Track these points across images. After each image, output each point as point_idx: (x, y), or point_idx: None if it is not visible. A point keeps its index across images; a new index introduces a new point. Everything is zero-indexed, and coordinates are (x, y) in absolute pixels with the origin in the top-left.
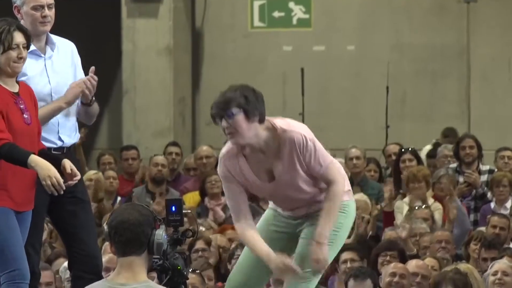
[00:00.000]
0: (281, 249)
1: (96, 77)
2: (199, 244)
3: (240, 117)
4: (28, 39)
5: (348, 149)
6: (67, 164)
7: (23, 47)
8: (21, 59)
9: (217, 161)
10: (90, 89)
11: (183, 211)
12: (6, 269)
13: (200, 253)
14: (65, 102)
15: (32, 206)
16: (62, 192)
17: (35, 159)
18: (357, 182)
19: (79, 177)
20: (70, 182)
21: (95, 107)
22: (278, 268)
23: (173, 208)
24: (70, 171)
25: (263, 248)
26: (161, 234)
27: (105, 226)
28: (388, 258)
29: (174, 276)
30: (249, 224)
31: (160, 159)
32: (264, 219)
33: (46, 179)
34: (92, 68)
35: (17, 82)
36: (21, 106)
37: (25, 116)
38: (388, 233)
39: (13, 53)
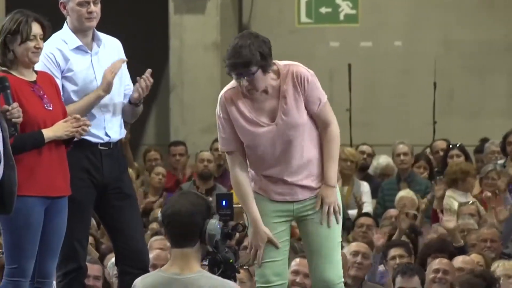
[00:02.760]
0: (287, 237)
1: (151, 79)
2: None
3: (258, 74)
4: (45, 30)
5: (395, 145)
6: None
7: (40, 38)
8: (38, 49)
9: None
10: (144, 89)
11: (233, 206)
12: (9, 264)
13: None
14: (102, 89)
15: (68, 191)
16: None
17: (47, 132)
18: (404, 178)
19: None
20: None
21: (141, 107)
22: (261, 239)
23: (224, 203)
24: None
25: (253, 211)
26: (214, 224)
27: (159, 215)
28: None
29: (226, 270)
30: (245, 176)
31: (206, 155)
32: (262, 214)
33: (68, 133)
34: (149, 70)
35: (36, 71)
36: (40, 93)
37: (44, 102)
38: (436, 229)
39: (31, 44)
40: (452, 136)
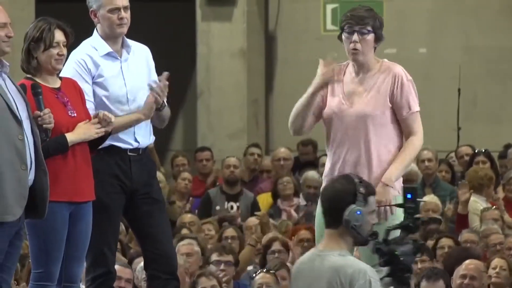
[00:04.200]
0: None
1: (166, 82)
2: (276, 246)
3: (370, 37)
4: (68, 37)
5: (420, 151)
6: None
7: (63, 45)
8: (61, 56)
9: (293, 164)
10: (159, 93)
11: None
12: (36, 269)
13: (276, 254)
14: (143, 113)
15: (92, 196)
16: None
17: (70, 136)
18: (429, 183)
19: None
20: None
21: (167, 111)
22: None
23: (409, 196)
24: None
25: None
26: (350, 209)
27: None
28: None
29: (398, 264)
30: None
31: (233, 160)
32: (318, 212)
33: (92, 134)
34: (165, 73)
35: (60, 78)
36: (64, 100)
37: (68, 109)
38: (465, 236)
39: (54, 51)
40: (476, 141)
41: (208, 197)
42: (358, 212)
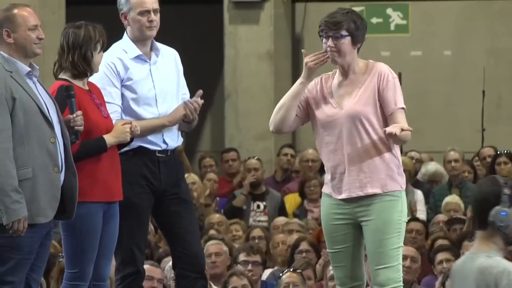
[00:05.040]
0: (347, 239)
1: (200, 101)
2: (303, 246)
3: (346, 41)
4: None
5: (447, 151)
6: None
7: None
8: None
9: (321, 166)
10: (192, 111)
11: None
12: (70, 269)
13: (304, 254)
14: (168, 120)
15: (121, 196)
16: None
17: (108, 137)
18: (456, 184)
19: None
20: None
21: (195, 122)
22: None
23: None
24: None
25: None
26: (496, 211)
27: None
28: None
29: None
30: None
31: (254, 162)
32: (324, 213)
33: (127, 137)
34: (200, 91)
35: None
36: (96, 102)
37: (102, 110)
38: None
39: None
40: (500, 143)
41: (234, 197)
42: (503, 213)
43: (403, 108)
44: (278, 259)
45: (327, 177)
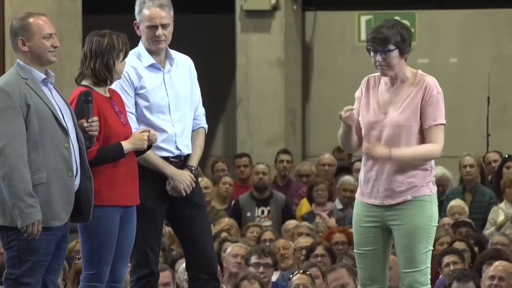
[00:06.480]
0: (374, 242)
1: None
2: (319, 250)
3: (394, 54)
4: None
5: (462, 156)
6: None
7: None
8: None
9: (337, 169)
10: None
11: None
12: (88, 270)
13: (319, 258)
14: (171, 176)
15: (138, 201)
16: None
17: (126, 144)
18: (469, 188)
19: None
20: None
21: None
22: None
23: None
24: None
25: None
26: None
27: None
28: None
29: None
30: None
31: (261, 167)
32: (355, 214)
33: (144, 145)
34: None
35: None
36: (116, 109)
37: (121, 117)
38: (496, 238)
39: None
40: (505, 148)
41: (238, 204)
42: None
43: (442, 124)
44: (281, 264)
45: (360, 179)
